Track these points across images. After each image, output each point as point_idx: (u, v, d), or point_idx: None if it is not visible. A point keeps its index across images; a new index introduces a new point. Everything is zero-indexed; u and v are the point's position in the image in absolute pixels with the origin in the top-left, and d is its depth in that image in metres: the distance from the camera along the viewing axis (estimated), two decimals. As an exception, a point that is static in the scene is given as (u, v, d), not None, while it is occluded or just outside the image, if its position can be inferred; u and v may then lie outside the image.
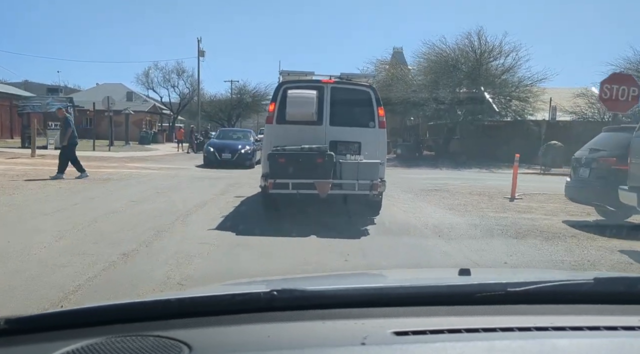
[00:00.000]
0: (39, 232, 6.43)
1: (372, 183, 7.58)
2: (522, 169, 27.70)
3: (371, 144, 8.13)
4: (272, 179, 7.50)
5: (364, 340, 1.05)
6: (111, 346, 1.05)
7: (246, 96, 56.34)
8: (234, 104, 57.62)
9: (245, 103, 56.14)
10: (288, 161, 7.48)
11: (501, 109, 29.35)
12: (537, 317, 1.19)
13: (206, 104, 56.41)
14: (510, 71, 29.70)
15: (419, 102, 28.67)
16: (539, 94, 29.00)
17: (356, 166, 7.59)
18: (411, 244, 6.72)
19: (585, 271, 5.37)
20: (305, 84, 8.55)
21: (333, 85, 8.37)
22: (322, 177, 7.43)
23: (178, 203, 9.31)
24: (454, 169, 25.33)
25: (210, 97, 59.28)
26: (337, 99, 8.20)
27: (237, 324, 1.14)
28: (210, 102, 57.79)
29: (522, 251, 6.41)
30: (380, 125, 8.24)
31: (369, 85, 9.00)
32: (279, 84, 8.68)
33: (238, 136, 22.12)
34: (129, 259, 5.24)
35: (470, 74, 29.86)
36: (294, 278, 2.12)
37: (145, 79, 53.51)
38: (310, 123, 8.05)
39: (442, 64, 30.41)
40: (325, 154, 7.54)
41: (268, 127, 8.38)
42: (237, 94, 57.98)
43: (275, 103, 8.23)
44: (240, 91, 57.96)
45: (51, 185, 11.39)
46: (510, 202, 11.18)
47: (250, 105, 55.98)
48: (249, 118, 58.06)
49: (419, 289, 1.38)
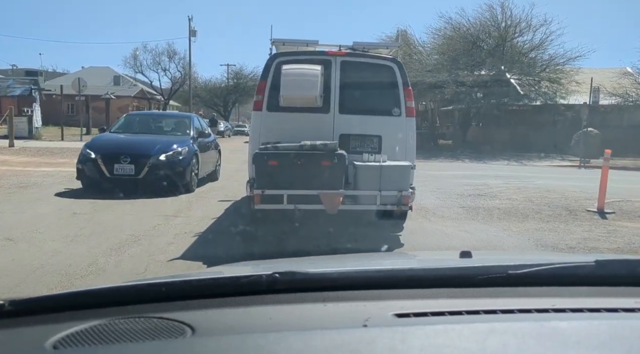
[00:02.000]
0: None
1: (401, 195, 5.52)
2: (554, 160, 24.44)
3: (396, 139, 6.12)
4: (260, 189, 5.45)
5: (366, 322, 1.05)
6: (114, 328, 1.05)
7: (243, 80, 53.00)
8: (230, 89, 54.13)
9: (242, 88, 52.69)
10: (282, 165, 5.44)
11: (528, 91, 25.72)
12: (538, 299, 1.20)
13: (200, 89, 53.01)
14: (540, 48, 26.01)
15: (436, 83, 25.01)
16: (573, 74, 25.37)
17: (378, 171, 5.57)
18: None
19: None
20: (306, 57, 6.37)
21: (344, 58, 6.25)
22: (330, 187, 5.45)
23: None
24: (478, 160, 21.85)
25: (205, 82, 55.85)
26: (349, 78, 6.19)
27: (239, 306, 1.14)
28: (205, 87, 54.30)
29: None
30: (409, 113, 6.23)
31: (392, 58, 6.69)
32: (271, 57, 6.43)
33: (161, 126, 11.22)
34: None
35: (493, 52, 26.20)
36: (296, 260, 2.03)
37: (133, 61, 49.86)
38: (313, 110, 6.07)
39: (461, 40, 26.76)
40: (334, 154, 5.50)
41: (255, 115, 6.30)
42: (234, 78, 54.56)
43: (265, 83, 6.15)
44: (236, 75, 54.51)
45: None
46: (605, 221, 7.65)
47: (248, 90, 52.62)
48: (246, 104, 54.46)
49: (420, 272, 1.39)
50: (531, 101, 25.70)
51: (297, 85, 5.88)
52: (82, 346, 0.99)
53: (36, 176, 11.03)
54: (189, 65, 43.70)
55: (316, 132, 5.97)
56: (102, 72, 50.65)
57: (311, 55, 6.44)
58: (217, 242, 5.82)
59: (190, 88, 44.17)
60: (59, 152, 17.33)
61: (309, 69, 5.98)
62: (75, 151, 16.44)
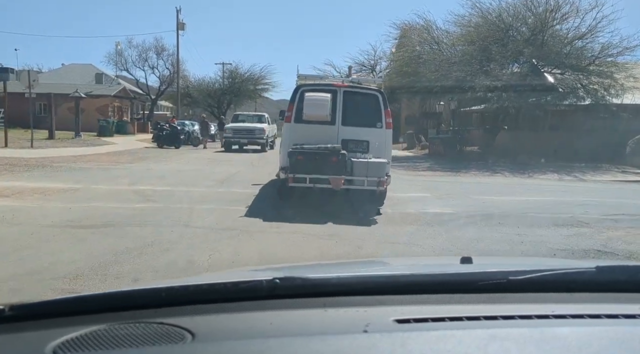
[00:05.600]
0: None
1: (379, 180, 8.25)
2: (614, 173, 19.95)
3: (378, 143, 8.82)
4: (292, 174, 8.14)
5: (366, 327, 1.05)
6: (114, 333, 1.05)
7: (239, 80, 48.72)
8: (224, 89, 49.71)
9: (237, 88, 48.40)
10: (306, 159, 8.18)
11: (572, 88, 21.32)
12: (539, 305, 1.19)
13: (192, 88, 48.71)
14: (588, 36, 21.58)
15: (465, 79, 20.60)
16: (630, 68, 20.98)
17: (366, 165, 8.26)
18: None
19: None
20: (320, 87, 9.24)
21: (345, 88, 9.04)
22: (336, 174, 8.10)
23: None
24: (520, 173, 17.46)
25: (198, 81, 51.42)
26: (349, 102, 8.89)
27: (239, 312, 1.14)
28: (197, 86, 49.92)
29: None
30: (387, 126, 8.95)
31: (377, 89, 9.42)
32: (297, 87, 9.20)
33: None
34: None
35: (530, 42, 21.80)
36: (297, 266, 2.13)
37: (118, 58, 45.58)
38: (324, 123, 8.76)
39: (490, 28, 22.39)
40: (339, 154, 8.23)
41: (287, 125, 9.16)
42: (229, 78, 50.19)
43: (293, 104, 8.90)
44: (232, 74, 50.12)
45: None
46: None
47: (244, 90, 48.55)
48: (242, 105, 50.07)
49: (421, 277, 1.39)
50: (580, 100, 21.26)
51: (314, 106, 8.71)
52: (81, 352, 0.99)
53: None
54: (177, 61, 39.39)
55: (326, 137, 8.65)
56: (83, 69, 46.37)
57: (323, 86, 9.35)
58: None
59: (177, 86, 39.92)
60: (15, 165, 13.04)
61: (322, 96, 8.82)
62: (19, 166, 11.94)
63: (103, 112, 36.80)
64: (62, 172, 12.39)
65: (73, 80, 40.05)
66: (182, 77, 46.80)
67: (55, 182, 10.35)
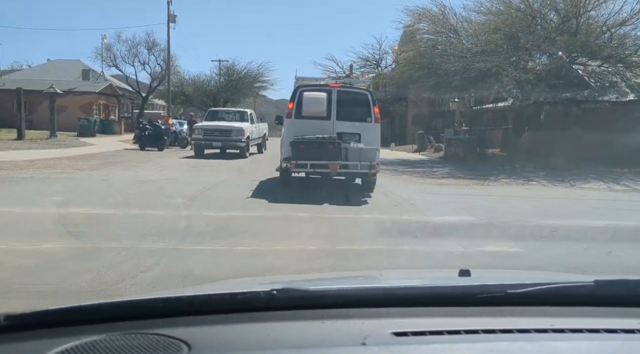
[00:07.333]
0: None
1: (371, 164, 9.56)
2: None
3: (369, 135, 10.00)
4: (294, 160, 9.39)
5: (364, 340, 1.04)
6: (111, 344, 1.04)
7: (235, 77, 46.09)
8: (220, 86, 46.90)
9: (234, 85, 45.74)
10: (307, 147, 9.36)
11: (610, 83, 18.53)
12: (537, 319, 1.18)
13: (186, 86, 46.01)
14: (630, 23, 18.75)
15: (489, 70, 17.78)
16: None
17: (358, 151, 9.62)
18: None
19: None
20: (317, 87, 11.14)
21: (339, 89, 10.42)
22: (333, 159, 9.34)
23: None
24: (560, 182, 14.66)
25: (192, 78, 48.55)
26: (342, 100, 10.10)
27: (237, 323, 1.13)
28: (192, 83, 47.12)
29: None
30: (376, 120, 10.15)
31: (367, 89, 11.97)
32: (296, 88, 10.72)
33: None
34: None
35: (562, 30, 18.99)
36: (295, 278, 2.09)
37: (106, 53, 42.77)
38: (321, 118, 9.94)
39: (516, 15, 19.59)
40: (335, 142, 9.42)
41: (288, 121, 10.28)
42: (225, 74, 47.42)
43: (293, 102, 10.15)
44: (228, 71, 47.34)
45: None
46: None
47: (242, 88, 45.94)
48: (239, 104, 47.24)
49: (419, 290, 1.38)
50: (621, 96, 18.44)
51: (312, 104, 9.95)
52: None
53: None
54: (167, 56, 36.61)
55: (323, 131, 9.75)
56: (70, 65, 43.44)
57: (320, 86, 11.18)
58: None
59: (169, 83, 37.15)
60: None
61: (319, 94, 10.13)
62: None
63: (87, 110, 34.05)
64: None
65: (58, 77, 37.19)
66: (175, 74, 44.08)
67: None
